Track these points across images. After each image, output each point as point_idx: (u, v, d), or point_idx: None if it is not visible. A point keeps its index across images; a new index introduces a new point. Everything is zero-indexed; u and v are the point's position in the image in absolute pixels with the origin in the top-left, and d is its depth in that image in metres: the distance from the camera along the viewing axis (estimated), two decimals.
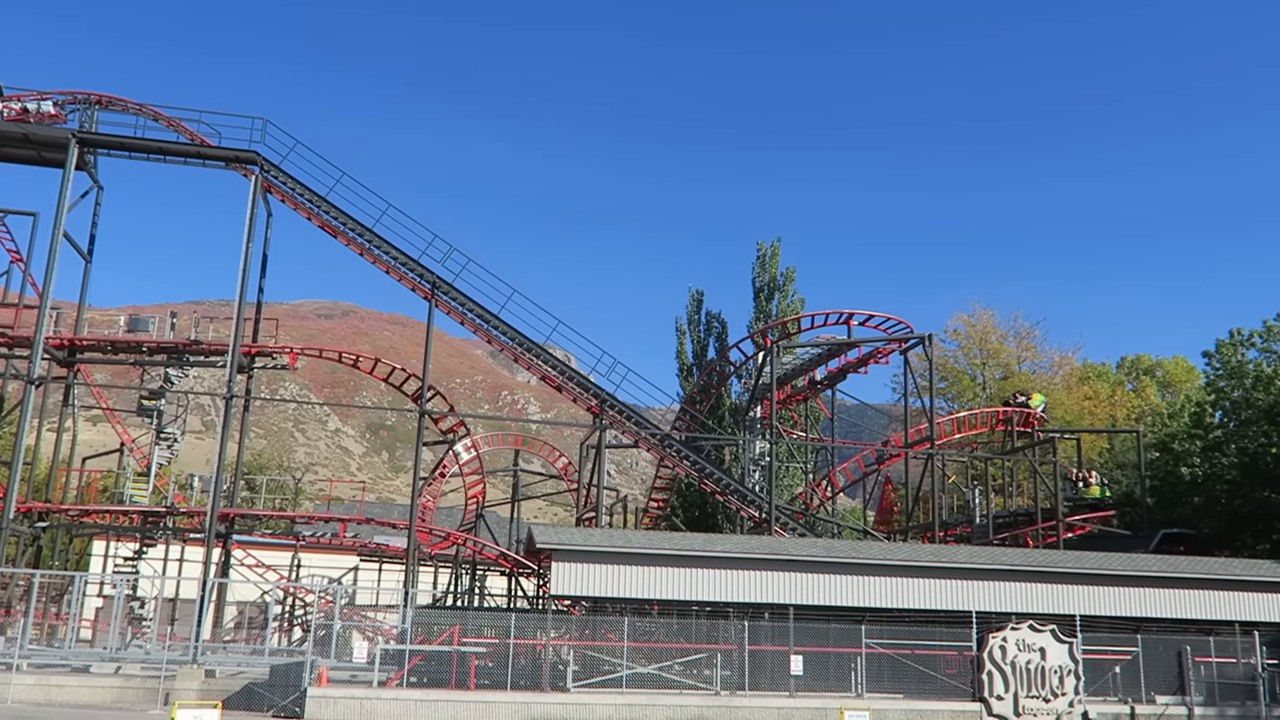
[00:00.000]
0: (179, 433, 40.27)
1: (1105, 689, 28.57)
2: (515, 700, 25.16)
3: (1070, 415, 59.46)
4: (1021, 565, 29.95)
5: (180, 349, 38.44)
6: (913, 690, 27.51)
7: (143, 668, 28.78)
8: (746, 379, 51.23)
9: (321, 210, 37.48)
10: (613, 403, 38.50)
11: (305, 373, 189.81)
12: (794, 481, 55.23)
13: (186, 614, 39.05)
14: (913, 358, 43.36)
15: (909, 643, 28.05)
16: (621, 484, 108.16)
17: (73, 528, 45.35)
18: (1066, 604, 29.41)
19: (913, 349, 43.04)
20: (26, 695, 26.25)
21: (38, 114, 37.22)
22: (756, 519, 39.98)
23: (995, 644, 27.63)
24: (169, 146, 37.47)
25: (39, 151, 37.88)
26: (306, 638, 32.05)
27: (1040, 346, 66.65)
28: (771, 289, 61.69)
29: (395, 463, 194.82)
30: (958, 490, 52.30)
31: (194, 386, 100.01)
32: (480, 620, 29.57)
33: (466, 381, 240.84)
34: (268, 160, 37.20)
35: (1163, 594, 30.13)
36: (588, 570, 27.58)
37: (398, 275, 37.87)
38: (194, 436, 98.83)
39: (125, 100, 38.69)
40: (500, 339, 38.37)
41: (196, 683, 26.91)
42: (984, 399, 61.83)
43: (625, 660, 26.83)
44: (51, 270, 35.14)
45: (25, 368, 36.19)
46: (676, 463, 40.77)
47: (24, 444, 35.22)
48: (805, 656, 27.43)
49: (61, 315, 40.09)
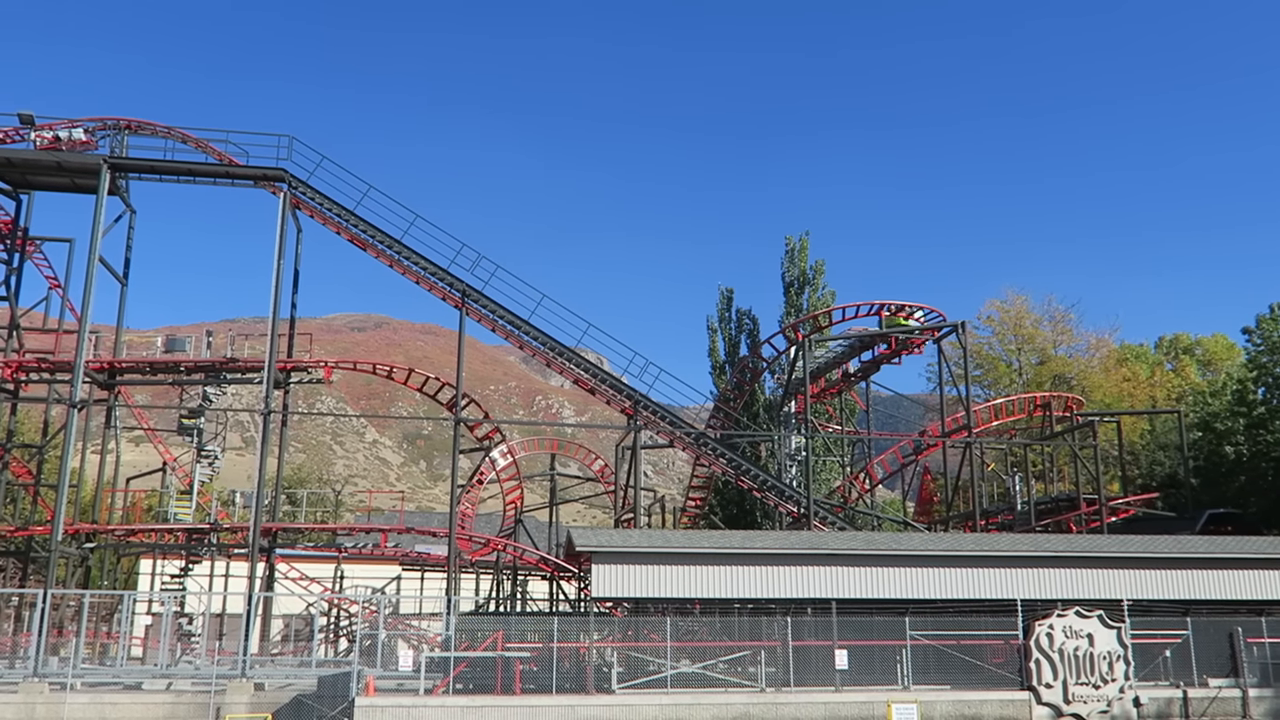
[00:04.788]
0: (219, 450, 40.70)
1: (1156, 673, 28.21)
2: (561, 703, 25.21)
3: (1109, 398, 58.83)
4: (1065, 551, 29.62)
5: (217, 367, 38.88)
6: (960, 681, 27.28)
7: (193, 683, 29.11)
8: (779, 374, 51.09)
9: (350, 224, 37.76)
10: (646, 403, 38.50)
11: (341, 386, 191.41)
12: (831, 475, 55.07)
13: (234, 628, 39.48)
14: (946, 346, 43.07)
15: (954, 633, 27.79)
16: (658, 484, 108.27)
17: (120, 547, 46.01)
18: (1113, 589, 29.03)
19: (946, 337, 42.74)
20: (81, 714, 26.64)
21: (69, 141, 37.76)
22: (795, 514, 39.84)
23: (1042, 631, 27.36)
24: (198, 167, 37.89)
25: (72, 178, 38.44)
26: (352, 648, 32.33)
27: (1076, 330, 66.06)
28: (801, 283, 61.52)
29: (433, 471, 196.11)
30: (997, 478, 51.88)
31: (232, 404, 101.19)
32: (523, 625, 29.64)
33: (500, 388, 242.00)
34: (295, 177, 37.51)
35: (1211, 575, 29.66)
36: (628, 571, 27.59)
37: (428, 285, 38.08)
38: (234, 453, 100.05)
39: (154, 124, 39.17)
40: (532, 344, 38.49)
41: (246, 696, 27.25)
42: (1020, 385, 61.30)
43: (669, 660, 26.80)
44: (89, 295, 35.62)
45: (67, 392, 36.72)
46: (712, 461, 40.70)
47: (69, 467, 35.72)
48: (849, 650, 27.25)
49: (100, 339, 40.63)
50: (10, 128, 37.97)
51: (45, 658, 29.97)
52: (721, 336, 63.41)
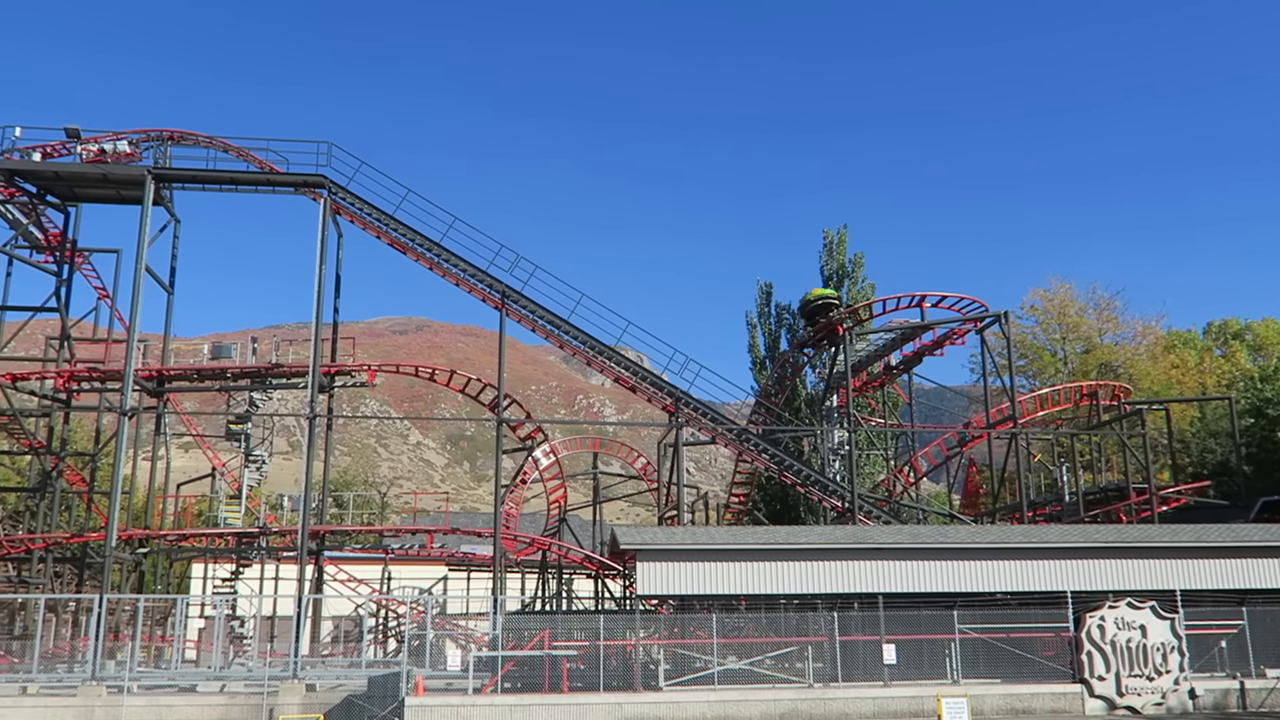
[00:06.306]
0: (266, 454, 41.23)
1: (1211, 664, 27.76)
2: (608, 701, 25.28)
3: (1157, 386, 57.90)
4: (1116, 542, 29.21)
5: (262, 373, 39.44)
6: (1010, 674, 27.02)
7: (246, 684, 29.56)
8: (820, 369, 50.85)
9: (389, 228, 38.08)
10: (687, 400, 38.48)
11: (384, 389, 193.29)
12: (875, 469, 54.70)
13: (284, 630, 39.98)
14: (989, 337, 42.64)
15: (1003, 626, 27.51)
16: (701, 481, 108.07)
17: (172, 552, 46.79)
18: (1165, 579, 28.59)
19: (989, 328, 42.31)
20: (139, 716, 27.13)
21: (114, 154, 38.46)
22: (839, 509, 39.64)
23: (1093, 624, 27.01)
24: (240, 176, 38.41)
25: (118, 190, 39.13)
26: (401, 648, 32.60)
27: (1121, 317, 65.00)
28: (840, 276, 61.21)
29: (477, 472, 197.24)
30: (1044, 469, 51.28)
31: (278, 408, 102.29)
32: (569, 623, 29.72)
33: (541, 388, 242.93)
34: (335, 183, 37.89)
35: (1267, 564, 29.09)
36: (673, 569, 27.61)
37: (468, 287, 38.32)
38: (281, 457, 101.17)
39: (195, 134, 39.79)
40: (572, 343, 38.60)
41: (298, 697, 27.62)
42: (1066, 374, 60.53)
43: (715, 657, 26.78)
44: (136, 304, 36.21)
45: (118, 400, 37.39)
46: (755, 457, 40.59)
47: (121, 474, 36.37)
48: (897, 645, 27.07)
49: (148, 347, 41.30)
50: (57, 142, 38.78)
51: (103, 661, 30.53)
52: (761, 332, 63.23)
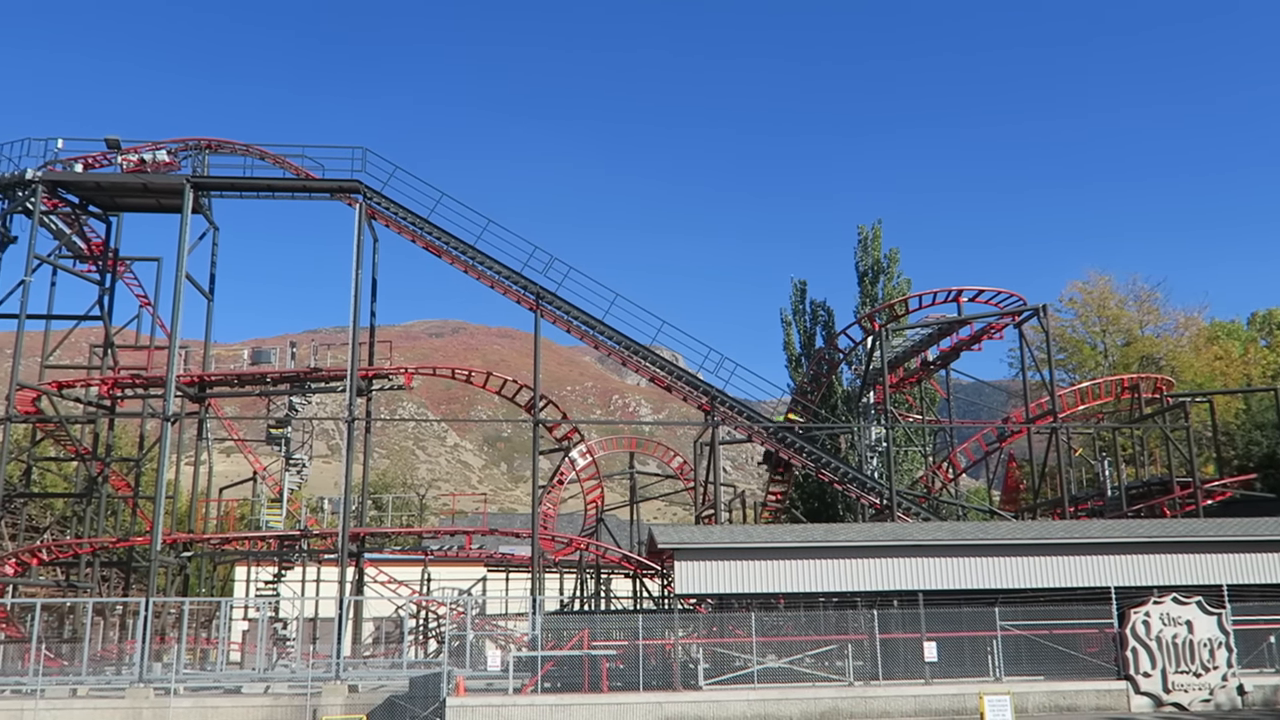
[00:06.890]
0: (306, 458, 41.65)
1: (1260, 660, 27.34)
2: (648, 700, 25.31)
3: (1201, 377, 57.07)
4: (1160, 536, 28.81)
5: (301, 377, 39.86)
6: (1053, 671, 26.76)
7: (290, 686, 29.91)
8: (857, 365, 50.54)
9: (424, 231, 38.34)
10: (723, 399, 38.41)
11: (421, 391, 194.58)
12: (913, 465, 54.31)
13: (326, 632, 40.41)
14: (1028, 330, 42.20)
15: (1046, 623, 27.26)
16: (738, 479, 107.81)
17: (215, 555, 47.39)
18: (1211, 574, 28.17)
19: (1027, 321, 41.87)
20: (185, 718, 27.53)
21: (154, 163, 39.03)
22: (878, 506, 39.39)
23: (1138, 619, 26.68)
24: (277, 183, 38.83)
25: (158, 199, 39.72)
26: (442, 649, 32.84)
27: (1163, 309, 64.16)
28: (875, 272, 60.84)
29: (514, 473, 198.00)
30: (1085, 463, 50.68)
31: (317, 412, 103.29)
32: (608, 623, 29.79)
33: (577, 388, 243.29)
34: (370, 188, 38.20)
35: None
36: (711, 568, 27.59)
37: (502, 289, 38.49)
38: (321, 461, 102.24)
39: (232, 142, 40.24)
40: (607, 344, 38.65)
41: (341, 698, 27.90)
42: (1106, 367, 59.79)
43: (755, 655, 26.74)
44: (177, 311, 36.68)
45: (161, 406, 37.92)
46: (792, 455, 40.44)
47: (165, 478, 36.90)
48: (938, 642, 26.89)
49: (190, 353, 41.89)
50: (98, 153, 39.42)
51: (150, 664, 31.02)
52: (796, 329, 62.99)
